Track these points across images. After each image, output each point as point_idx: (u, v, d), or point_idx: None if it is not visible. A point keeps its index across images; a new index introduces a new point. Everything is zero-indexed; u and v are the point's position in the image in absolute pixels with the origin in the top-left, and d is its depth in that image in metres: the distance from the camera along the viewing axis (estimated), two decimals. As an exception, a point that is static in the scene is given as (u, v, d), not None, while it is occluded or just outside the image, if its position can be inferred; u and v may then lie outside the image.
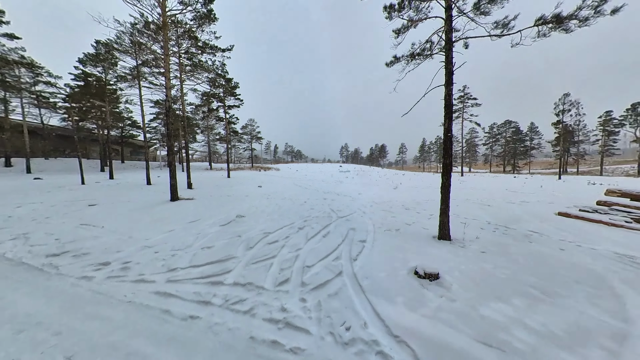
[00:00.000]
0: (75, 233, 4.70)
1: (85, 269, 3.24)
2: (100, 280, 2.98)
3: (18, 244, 4.17)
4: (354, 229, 5.02)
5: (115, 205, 7.63)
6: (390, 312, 2.23)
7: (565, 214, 6.01)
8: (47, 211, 6.68)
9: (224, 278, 2.98)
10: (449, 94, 3.93)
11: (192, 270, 3.23)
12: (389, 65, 5.53)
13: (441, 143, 59.46)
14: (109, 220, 5.78)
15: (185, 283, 2.90)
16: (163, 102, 24.85)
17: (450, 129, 3.96)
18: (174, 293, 2.66)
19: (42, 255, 3.67)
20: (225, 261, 3.50)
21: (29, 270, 3.26)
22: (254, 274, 3.08)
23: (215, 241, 4.32)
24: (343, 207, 7.43)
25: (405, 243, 4.05)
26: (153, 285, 2.85)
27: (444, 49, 3.95)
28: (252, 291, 2.71)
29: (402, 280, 2.78)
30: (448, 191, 4.07)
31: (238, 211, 6.83)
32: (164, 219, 5.95)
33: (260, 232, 4.76)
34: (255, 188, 13.01)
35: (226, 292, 2.67)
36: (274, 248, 3.95)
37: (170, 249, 4.00)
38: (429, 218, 5.90)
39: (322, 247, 3.95)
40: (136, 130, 29.47)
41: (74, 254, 3.68)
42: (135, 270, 3.22)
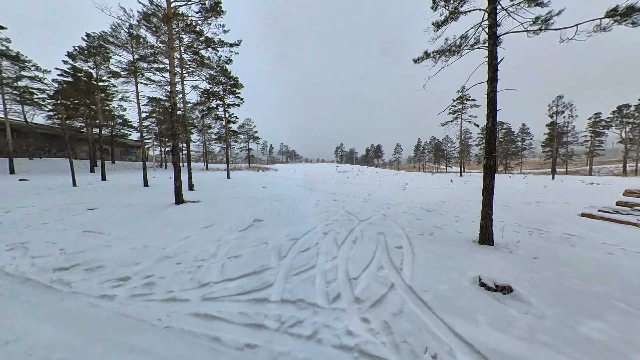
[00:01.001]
0: (81, 242, 4.23)
1: (103, 286, 2.84)
2: (124, 300, 2.59)
3: (17, 255, 3.69)
4: (382, 233, 4.77)
5: (116, 209, 7.09)
6: (475, 334, 1.98)
7: (590, 215, 5.97)
8: (41, 216, 6.11)
9: (268, 294, 2.66)
10: (493, 91, 3.74)
11: (227, 284, 2.89)
12: (417, 62, 5.31)
13: (436, 144, 60.34)
14: (114, 226, 5.30)
15: (224, 301, 2.56)
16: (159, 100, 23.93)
17: (494, 127, 3.77)
18: (217, 314, 2.32)
19: (49, 269, 3.23)
20: (261, 273, 3.17)
21: (36, 288, 2.82)
22: (299, 288, 2.77)
23: (240, 249, 3.96)
24: (359, 210, 7.17)
25: (447, 249, 3.83)
26: (188, 305, 2.49)
27: (488, 44, 3.75)
28: (305, 310, 2.40)
29: (470, 293, 2.54)
30: (491, 194, 3.88)
31: (251, 215, 6.46)
32: (174, 225, 5.53)
33: (286, 239, 4.44)
34: (260, 189, 12.61)
35: (277, 312, 2.35)
36: (309, 257, 3.64)
37: (194, 259, 3.62)
38: (457, 220, 5.72)
39: (359, 255, 3.68)
40: (127, 129, 28.31)
41: (86, 267, 3.25)
42: (161, 286, 2.85)
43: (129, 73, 12.01)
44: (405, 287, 2.75)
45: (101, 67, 14.76)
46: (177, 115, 8.04)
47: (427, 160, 68.18)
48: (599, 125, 34.12)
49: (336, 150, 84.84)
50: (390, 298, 2.56)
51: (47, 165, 22.76)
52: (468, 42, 4.60)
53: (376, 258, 3.57)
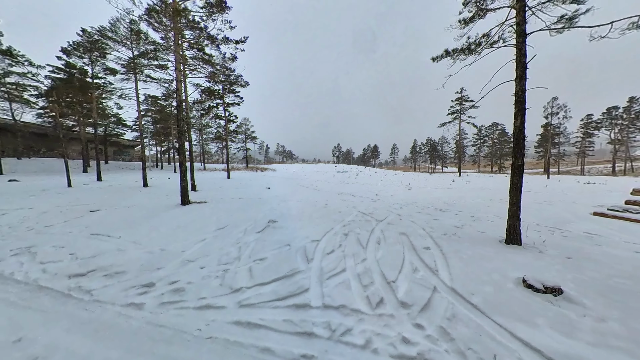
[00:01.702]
0: (92, 245, 4.00)
1: (127, 293, 2.65)
2: (154, 308, 2.42)
3: (24, 261, 3.44)
4: (404, 233, 4.68)
5: (120, 210, 6.80)
6: (539, 339, 1.90)
7: (602, 214, 6.06)
8: (41, 219, 5.79)
9: (306, 299, 2.52)
10: (522, 89, 3.70)
11: (260, 289, 2.74)
12: (435, 60, 5.26)
13: (432, 144, 61.06)
14: (122, 228, 5.06)
15: (263, 307, 2.41)
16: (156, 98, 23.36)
17: (523, 127, 3.74)
18: (260, 322, 2.17)
19: (64, 276, 3.01)
20: (292, 276, 3.03)
21: (53, 297, 2.61)
22: (337, 292, 2.64)
23: (263, 252, 3.81)
24: (372, 210, 7.09)
25: (476, 249, 3.77)
26: (226, 313, 2.33)
27: (516, 42, 3.72)
28: (350, 316, 2.28)
29: (518, 295, 2.47)
30: (519, 193, 3.84)
31: (262, 216, 6.29)
32: (185, 226, 5.32)
33: (307, 240, 4.30)
34: (264, 190, 12.40)
35: (323, 319, 2.22)
36: (336, 259, 3.52)
37: (217, 262, 3.45)
38: (474, 220, 5.70)
39: (388, 257, 3.58)
40: (122, 128, 27.57)
41: (105, 273, 3.04)
42: (191, 292, 2.68)
43: (128, 70, 11.63)
44: (448, 290, 2.66)
45: (97, 63, 14.26)
46: (183, 113, 7.78)
47: (423, 161, 68.94)
48: (590, 126, 35.18)
49: (333, 151, 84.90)
50: (436, 301, 2.46)
51: (37, 165, 21.89)
52: (489, 41, 4.58)
53: (407, 259, 3.47)
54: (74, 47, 13.77)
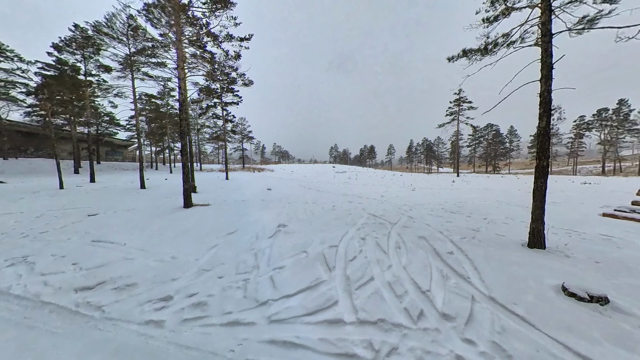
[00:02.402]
0: (96, 254, 3.72)
1: (143, 309, 2.42)
2: (176, 326, 2.20)
3: (22, 272, 3.15)
4: (423, 237, 4.56)
5: (120, 214, 6.47)
6: (603, 355, 1.78)
7: (612, 215, 6.09)
8: (35, 224, 5.43)
9: (338, 313, 2.35)
10: (548, 90, 3.63)
11: (287, 302, 2.55)
12: (451, 60, 5.17)
13: (428, 145, 61.68)
14: (125, 234, 4.77)
15: (295, 323, 2.23)
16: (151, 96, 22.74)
17: (548, 128, 3.66)
18: (297, 341, 1.99)
19: (68, 290, 2.75)
20: (317, 287, 2.85)
21: (60, 314, 2.36)
22: (370, 305, 2.48)
23: (281, 260, 3.62)
24: (381, 212, 6.96)
25: (501, 253, 3.67)
26: (257, 330, 2.14)
27: (542, 42, 3.64)
28: (391, 332, 2.12)
29: (563, 305, 2.36)
30: (543, 196, 3.77)
31: (270, 219, 6.08)
32: (192, 231, 5.07)
33: (324, 246, 4.12)
34: (266, 191, 12.14)
35: (362, 337, 2.05)
36: (360, 266, 3.35)
37: (235, 271, 3.24)
38: (488, 222, 5.63)
39: (414, 263, 3.44)
40: (115, 127, 26.76)
41: (115, 286, 2.80)
42: (213, 306, 2.47)
43: (125, 67, 11.20)
44: (487, 299, 2.54)
45: (90, 60, 13.72)
46: (186, 112, 7.50)
47: (419, 161, 69.57)
48: (581, 127, 36.15)
49: (330, 151, 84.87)
50: (479, 313, 2.33)
51: (24, 165, 20.99)
52: (506, 41, 4.51)
53: (434, 266, 3.34)
54: (66, 43, 13.20)
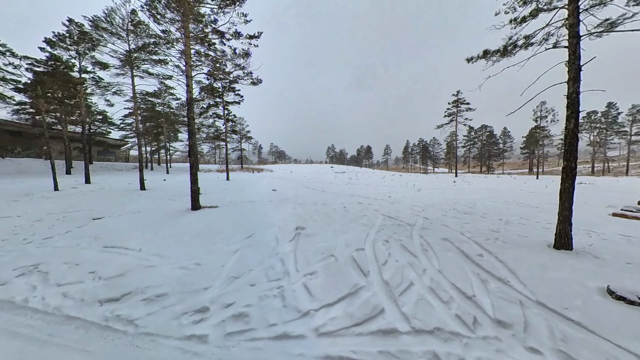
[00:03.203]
0: (111, 261, 3.50)
1: (180, 322, 2.25)
2: (221, 340, 2.05)
3: (36, 283, 2.92)
4: (447, 239, 4.51)
5: (126, 217, 6.20)
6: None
7: (621, 215, 6.22)
8: (37, 229, 5.13)
9: (389, 322, 2.25)
10: (576, 91, 3.63)
11: (330, 312, 2.43)
12: (470, 61, 5.15)
13: (424, 145, 62.42)
14: (137, 239, 4.54)
15: (345, 336, 2.11)
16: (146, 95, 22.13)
17: (576, 129, 3.66)
18: (354, 357, 1.87)
19: (93, 302, 2.55)
20: (357, 294, 2.74)
21: (88, 330, 2.17)
22: (420, 312, 2.38)
23: (309, 264, 3.49)
24: (396, 213, 6.89)
25: (531, 255, 3.64)
26: (309, 344, 2.01)
27: (569, 44, 3.64)
28: (452, 341, 2.02)
29: (615, 309, 2.32)
30: (571, 197, 3.77)
31: (285, 222, 5.94)
32: (207, 235, 4.88)
33: (350, 249, 4.01)
34: (271, 192, 11.94)
35: (425, 347, 1.95)
36: (395, 270, 3.26)
37: (266, 278, 3.10)
38: (505, 223, 5.63)
39: (448, 266, 3.37)
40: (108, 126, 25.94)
41: (143, 297, 2.61)
42: (255, 318, 2.32)
43: (124, 64, 10.80)
44: (536, 304, 2.48)
45: (85, 56, 13.21)
46: (193, 111, 7.26)
47: (415, 162, 70.31)
48: (571, 129, 37.22)
49: (327, 151, 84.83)
50: (533, 319, 2.26)
51: (12, 166, 20.09)
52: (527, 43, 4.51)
53: (468, 269, 3.28)
54: (60, 38, 12.65)
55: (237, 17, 7.12)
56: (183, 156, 45.28)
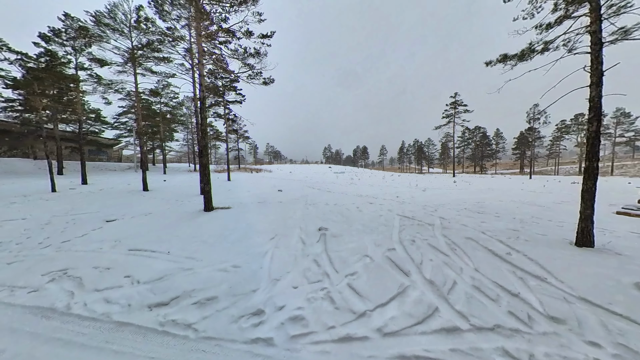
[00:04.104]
0: (143, 265, 3.40)
1: (240, 326, 2.22)
2: (287, 343, 2.03)
3: (70, 288, 2.81)
4: (470, 238, 4.61)
5: (140, 220, 6.03)
6: None
7: (625, 213, 6.51)
8: (48, 232, 4.92)
9: (448, 320, 2.29)
10: (598, 95, 3.78)
11: (386, 312, 2.45)
12: (489, 65, 5.29)
13: (419, 146, 63.42)
14: (159, 242, 4.43)
15: (410, 335, 2.13)
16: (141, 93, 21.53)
17: (599, 132, 3.82)
18: (430, 355, 1.90)
19: (141, 307, 2.47)
20: (405, 292, 2.78)
21: (146, 336, 2.10)
22: (475, 310, 2.43)
23: (346, 266, 3.49)
24: (411, 213, 6.96)
25: (557, 253, 3.77)
26: (377, 345, 2.02)
27: (592, 50, 3.79)
28: (514, 337, 2.08)
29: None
30: (593, 196, 3.93)
31: (304, 222, 5.92)
32: (229, 236, 4.82)
33: (382, 249, 4.05)
34: (276, 192, 11.86)
35: (493, 344, 1.99)
36: (433, 269, 3.31)
37: (306, 280, 3.08)
38: (520, 222, 5.80)
39: (482, 265, 3.44)
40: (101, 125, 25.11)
41: (193, 300, 2.55)
42: (313, 320, 2.31)
43: (126, 62, 10.49)
44: (580, 300, 2.57)
45: (82, 53, 12.74)
46: (205, 112, 7.13)
47: (410, 162, 71.32)
48: (562, 130, 38.78)
49: (324, 151, 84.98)
50: (582, 314, 2.34)
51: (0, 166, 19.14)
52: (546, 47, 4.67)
53: (503, 267, 3.36)
54: (55, 33, 12.16)
55: (252, 16, 7.03)
56: (177, 156, 44.34)
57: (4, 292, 2.75)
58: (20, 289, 2.80)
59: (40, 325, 2.23)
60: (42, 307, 2.47)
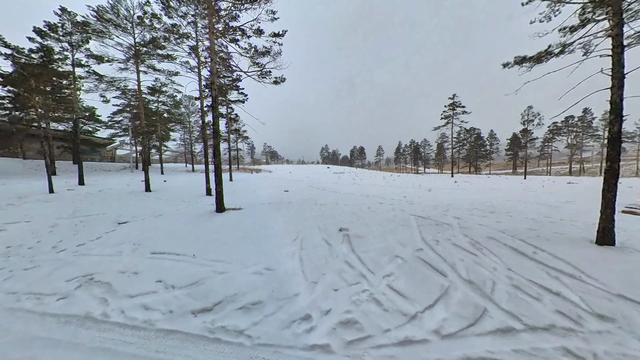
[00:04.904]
0: (173, 269, 3.28)
1: (293, 331, 2.16)
2: (346, 349, 1.98)
3: (102, 295, 2.67)
4: (492, 237, 4.65)
5: (152, 221, 5.85)
6: None
7: (631, 212, 6.73)
8: (59, 235, 4.71)
9: (501, 321, 2.28)
10: (620, 98, 3.88)
11: (435, 313, 2.43)
12: (506, 66, 5.37)
13: (415, 147, 64.20)
14: (181, 244, 4.30)
15: (468, 336, 2.12)
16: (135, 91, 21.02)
17: (620, 133, 3.92)
18: (495, 357, 1.88)
19: (183, 313, 2.37)
20: (448, 293, 2.77)
21: (197, 344, 2.02)
22: (523, 310, 2.43)
23: (380, 267, 3.46)
24: (423, 213, 6.99)
25: (582, 251, 3.83)
26: (438, 348, 2.00)
27: (613, 53, 3.89)
28: (570, 336, 2.09)
29: (699, 301, 2.50)
30: (614, 196, 4.03)
31: (322, 223, 5.87)
32: (249, 238, 4.73)
33: (409, 249, 4.04)
34: (282, 193, 11.75)
35: (553, 344, 1.99)
36: (467, 268, 3.31)
37: (345, 283, 3.04)
38: (533, 221, 5.90)
39: (513, 264, 3.47)
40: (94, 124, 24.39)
41: (237, 306, 2.46)
42: (365, 324, 2.27)
43: (128, 59, 10.19)
44: (617, 297, 2.60)
45: (79, 48, 12.32)
46: (217, 111, 6.99)
47: (405, 162, 72.09)
48: (554, 132, 40.00)
49: (321, 151, 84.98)
50: (627, 311, 2.38)
51: (-14, 166, 18.28)
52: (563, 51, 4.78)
53: (533, 266, 3.40)
54: (51, 28, 11.71)
55: (265, 14, 6.93)
56: (173, 156, 43.52)
57: (30, 300, 2.59)
58: (47, 296, 2.65)
59: (80, 335, 2.11)
60: (77, 315, 2.33)
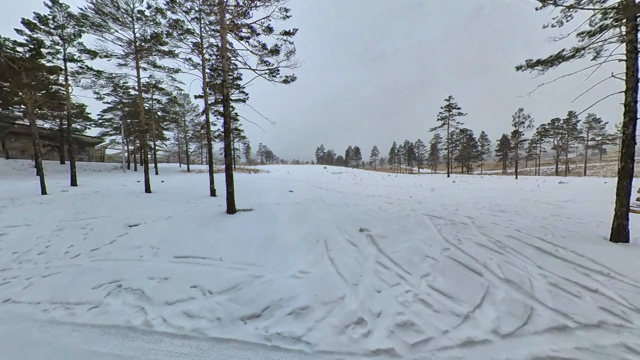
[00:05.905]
0: (204, 273, 3.15)
1: (350, 336, 2.10)
2: (411, 353, 1.95)
3: (136, 302, 2.54)
4: (511, 236, 4.74)
5: (163, 224, 5.64)
6: None
7: (632, 210, 7.02)
8: (69, 239, 4.46)
9: (551, 320, 2.31)
10: (635, 101, 4.04)
11: (484, 312, 2.43)
12: (519, 69, 5.50)
13: (409, 147, 65.23)
14: (203, 247, 4.15)
15: (526, 335, 2.12)
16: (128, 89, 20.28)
17: (634, 134, 4.08)
18: (565, 356, 1.89)
19: (232, 320, 2.27)
20: (490, 292, 2.78)
21: (257, 352, 1.94)
22: (568, 307, 2.47)
23: (414, 267, 3.45)
24: (434, 212, 7.08)
25: (602, 249, 3.95)
26: (503, 348, 1.99)
27: (627, 57, 4.05)
28: (623, 333, 2.13)
29: None
30: (629, 195, 4.20)
31: (338, 224, 5.82)
32: (272, 240, 4.60)
33: (437, 249, 4.06)
34: (287, 193, 11.63)
35: (611, 341, 2.03)
36: (500, 267, 3.34)
37: (386, 284, 3.01)
38: (543, 219, 6.07)
39: (542, 262, 3.54)
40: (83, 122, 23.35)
41: (286, 311, 2.38)
42: (421, 325, 2.24)
43: (127, 54, 9.80)
44: (656, 295, 2.70)
45: (72, 43, 11.75)
46: (228, 110, 6.82)
47: (400, 162, 73.12)
48: (542, 134, 41.63)
49: (317, 151, 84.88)
50: (667, 308, 2.47)
51: (-35, 166, 17.16)
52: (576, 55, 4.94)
53: (560, 264, 3.48)
54: (41, 20, 11.11)
55: (279, 11, 6.82)
56: (166, 156, 42.34)
57: (59, 310, 2.41)
58: (76, 305, 2.47)
59: (126, 347, 1.97)
60: (117, 325, 2.19)
